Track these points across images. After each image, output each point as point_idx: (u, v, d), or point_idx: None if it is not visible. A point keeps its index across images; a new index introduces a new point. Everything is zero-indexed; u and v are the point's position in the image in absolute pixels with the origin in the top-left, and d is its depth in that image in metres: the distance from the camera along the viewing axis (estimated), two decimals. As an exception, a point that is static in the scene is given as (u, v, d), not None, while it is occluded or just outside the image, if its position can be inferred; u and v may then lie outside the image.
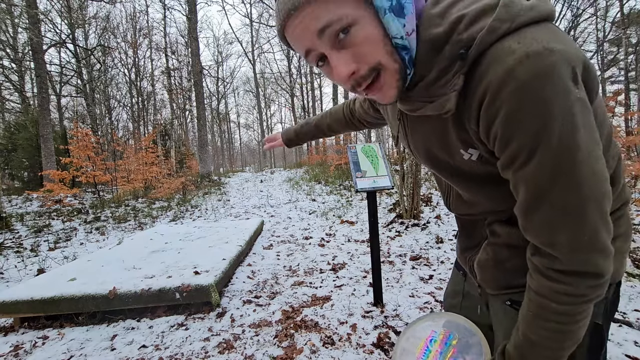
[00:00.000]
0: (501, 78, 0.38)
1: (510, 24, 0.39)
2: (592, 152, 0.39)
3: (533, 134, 0.39)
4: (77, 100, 18.27)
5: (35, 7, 8.58)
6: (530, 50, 0.37)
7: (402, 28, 0.43)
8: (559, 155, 0.39)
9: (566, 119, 0.38)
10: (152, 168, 9.52)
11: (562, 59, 0.37)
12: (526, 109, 0.38)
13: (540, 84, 0.37)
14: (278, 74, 23.33)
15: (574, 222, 0.41)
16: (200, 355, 1.70)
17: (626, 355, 1.50)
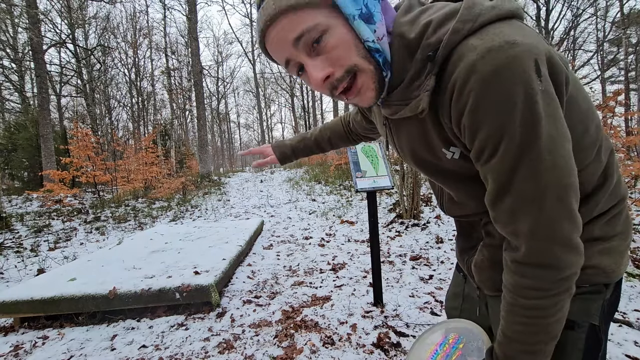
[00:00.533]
0: (465, 72, 0.40)
1: (472, 23, 0.41)
2: (554, 142, 0.40)
3: (498, 124, 0.40)
4: (77, 100, 18.28)
5: (35, 7, 8.58)
6: (491, 45, 0.39)
7: (372, 33, 0.45)
8: (520, 144, 0.40)
9: (527, 109, 0.39)
10: (152, 168, 9.52)
11: (523, 51, 0.38)
12: (489, 100, 0.39)
13: (501, 75, 0.38)
14: (278, 74, 23.34)
15: (533, 211, 0.42)
16: (200, 355, 1.70)
17: (626, 355, 1.50)
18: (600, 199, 0.51)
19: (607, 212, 0.53)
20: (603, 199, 0.51)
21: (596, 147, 0.49)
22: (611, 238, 0.53)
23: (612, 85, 17.38)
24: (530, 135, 0.40)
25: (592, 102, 0.49)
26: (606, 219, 0.53)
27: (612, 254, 0.52)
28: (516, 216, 0.44)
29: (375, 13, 0.45)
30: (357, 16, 0.44)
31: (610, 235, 0.53)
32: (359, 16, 0.44)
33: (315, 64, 0.46)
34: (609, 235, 0.52)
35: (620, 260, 0.53)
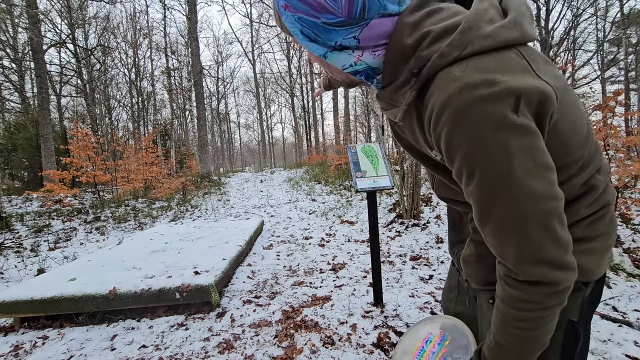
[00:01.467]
0: (442, 103, 0.42)
1: (460, 51, 0.42)
2: (531, 174, 0.41)
3: (469, 156, 0.42)
4: (77, 100, 18.27)
5: (35, 7, 8.58)
6: (470, 81, 0.40)
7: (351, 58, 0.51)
8: (494, 177, 0.42)
9: (498, 145, 0.40)
10: (152, 168, 9.52)
11: (500, 90, 0.39)
12: (461, 133, 0.41)
13: (472, 112, 0.40)
14: (278, 74, 23.34)
15: (516, 237, 0.43)
16: (200, 355, 1.70)
17: (626, 355, 1.50)
18: (581, 206, 0.53)
19: (590, 215, 0.54)
20: (584, 206, 0.53)
21: (579, 164, 0.51)
22: (593, 239, 0.54)
23: (612, 85, 17.38)
24: (502, 168, 0.41)
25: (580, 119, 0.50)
26: (588, 222, 0.54)
27: (592, 254, 0.54)
28: (501, 241, 0.45)
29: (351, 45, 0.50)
30: (328, 53, 0.51)
31: (592, 237, 0.54)
32: (331, 52, 0.51)
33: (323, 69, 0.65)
34: (591, 237, 0.54)
35: (600, 260, 0.55)
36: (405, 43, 0.47)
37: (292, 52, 21.52)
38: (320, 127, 23.06)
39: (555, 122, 0.45)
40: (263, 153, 24.76)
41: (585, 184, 0.53)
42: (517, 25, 0.43)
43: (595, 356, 1.52)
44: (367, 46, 0.50)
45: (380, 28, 0.48)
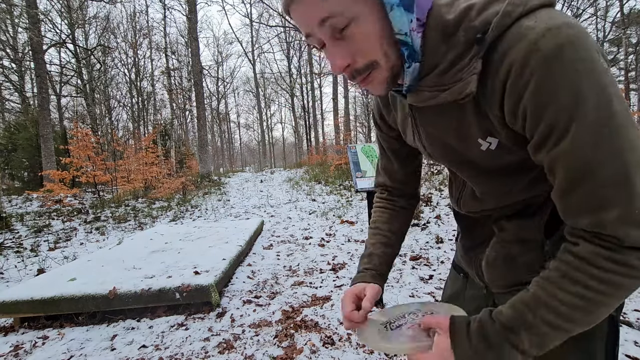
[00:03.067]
0: (526, 52, 0.38)
1: (523, 7, 0.39)
2: (627, 118, 0.38)
3: (567, 103, 0.37)
4: (77, 100, 18.28)
5: (35, 7, 8.58)
6: (551, 24, 0.37)
7: (408, 23, 0.43)
8: (596, 123, 0.37)
9: (598, 86, 0.37)
10: (152, 168, 9.52)
11: (582, 32, 0.37)
12: (557, 77, 0.37)
13: (568, 52, 0.36)
14: (278, 74, 23.34)
15: (621, 193, 0.37)
16: (200, 355, 1.70)
17: (626, 355, 1.50)
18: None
19: None
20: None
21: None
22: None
23: (612, 85, 17.35)
24: (605, 112, 0.37)
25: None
26: None
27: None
28: (600, 204, 0.38)
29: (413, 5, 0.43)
30: (396, 5, 0.41)
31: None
32: (399, 4, 0.41)
33: (337, 50, 0.44)
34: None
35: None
36: (447, 19, 0.43)
37: (292, 52, 21.54)
38: (320, 127, 23.08)
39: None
40: (263, 153, 24.76)
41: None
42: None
43: (595, 356, 1.53)
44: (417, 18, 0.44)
45: (425, 2, 0.44)
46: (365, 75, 0.46)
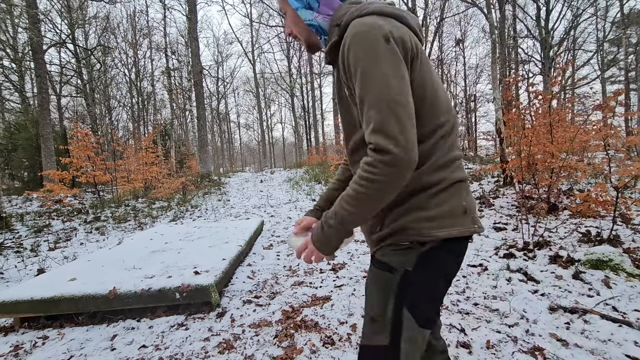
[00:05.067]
0: (349, 34, 0.69)
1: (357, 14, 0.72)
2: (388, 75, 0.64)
3: (354, 62, 0.67)
4: (77, 100, 18.27)
5: (35, 7, 8.58)
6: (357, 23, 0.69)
7: (311, 15, 0.82)
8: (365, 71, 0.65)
9: (371, 53, 0.65)
10: (152, 168, 9.51)
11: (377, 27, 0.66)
12: (354, 46, 0.67)
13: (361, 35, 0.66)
14: (278, 74, 23.32)
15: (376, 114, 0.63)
16: (200, 355, 1.70)
17: (626, 355, 1.50)
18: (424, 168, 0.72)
19: (431, 187, 0.72)
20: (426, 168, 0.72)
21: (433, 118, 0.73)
22: (431, 209, 0.71)
23: (612, 85, 17.37)
24: (371, 66, 0.64)
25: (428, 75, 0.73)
26: (431, 193, 0.72)
27: (430, 221, 0.71)
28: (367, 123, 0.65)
29: (314, 6, 0.81)
30: (299, 8, 0.82)
31: (430, 207, 0.71)
32: (302, 7, 0.82)
33: (285, 24, 0.89)
34: (429, 206, 0.71)
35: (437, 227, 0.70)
36: (337, 16, 0.79)
37: (292, 52, 21.52)
38: (320, 127, 23.07)
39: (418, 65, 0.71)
40: (263, 153, 24.74)
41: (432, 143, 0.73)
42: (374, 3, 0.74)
43: (595, 356, 1.52)
44: (321, 12, 0.81)
45: (333, 3, 0.81)
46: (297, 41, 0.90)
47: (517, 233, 3.51)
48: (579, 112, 7.40)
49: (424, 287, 0.72)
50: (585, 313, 1.88)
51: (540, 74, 13.33)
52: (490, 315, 1.95)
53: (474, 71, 20.64)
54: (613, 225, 2.98)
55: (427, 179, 0.72)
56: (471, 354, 1.59)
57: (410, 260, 0.71)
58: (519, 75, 12.26)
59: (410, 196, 0.72)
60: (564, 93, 13.89)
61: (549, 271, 2.53)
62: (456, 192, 0.74)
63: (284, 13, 0.86)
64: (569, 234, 3.27)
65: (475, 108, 19.87)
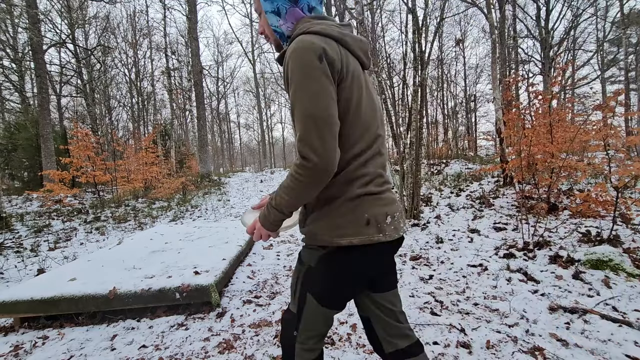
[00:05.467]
0: (290, 48, 0.78)
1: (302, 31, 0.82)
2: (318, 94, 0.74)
3: (289, 75, 0.77)
4: (77, 100, 18.26)
5: (35, 7, 8.58)
6: (298, 40, 0.78)
7: (277, 22, 0.91)
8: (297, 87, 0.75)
9: (304, 70, 0.74)
10: (152, 168, 9.51)
11: (313, 47, 0.75)
12: (291, 61, 0.76)
13: (294, 52, 0.76)
14: (278, 74, 23.29)
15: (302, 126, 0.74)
16: (200, 355, 1.70)
17: (626, 355, 1.50)
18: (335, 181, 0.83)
19: (337, 198, 0.83)
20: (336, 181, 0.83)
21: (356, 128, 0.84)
22: (335, 218, 0.83)
23: (612, 85, 17.37)
24: (301, 91, 0.75)
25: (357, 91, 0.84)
26: (337, 204, 0.83)
27: (333, 230, 0.83)
28: (297, 128, 0.76)
29: (281, 12, 0.89)
30: (269, 12, 0.90)
31: (332, 217, 0.84)
32: (271, 12, 0.90)
33: (260, 22, 0.97)
34: (334, 216, 0.83)
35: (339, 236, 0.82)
36: (298, 27, 0.87)
37: (292, 52, 21.49)
38: (320, 127, 23.03)
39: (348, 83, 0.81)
40: (263, 153, 24.72)
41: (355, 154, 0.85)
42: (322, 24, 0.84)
43: (595, 356, 1.52)
44: (286, 20, 0.90)
45: (296, 15, 0.89)
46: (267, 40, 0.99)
47: (517, 233, 3.51)
48: (579, 112, 7.40)
49: (323, 281, 0.89)
50: (585, 313, 1.88)
51: (540, 74, 13.33)
52: (490, 315, 1.95)
53: (474, 71, 20.63)
54: (613, 225, 2.98)
55: (335, 191, 0.83)
56: (471, 354, 1.59)
57: (313, 258, 0.89)
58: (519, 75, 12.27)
59: (323, 204, 0.85)
60: (564, 93, 13.90)
61: (549, 271, 2.53)
62: (361, 204, 0.83)
63: (259, 13, 0.94)
64: (569, 234, 3.27)
65: (475, 108, 19.85)
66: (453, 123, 18.93)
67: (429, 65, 5.35)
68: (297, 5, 0.88)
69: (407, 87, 6.46)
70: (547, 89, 8.99)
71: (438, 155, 11.70)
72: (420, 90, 4.43)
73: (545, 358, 1.53)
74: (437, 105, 18.89)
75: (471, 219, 4.30)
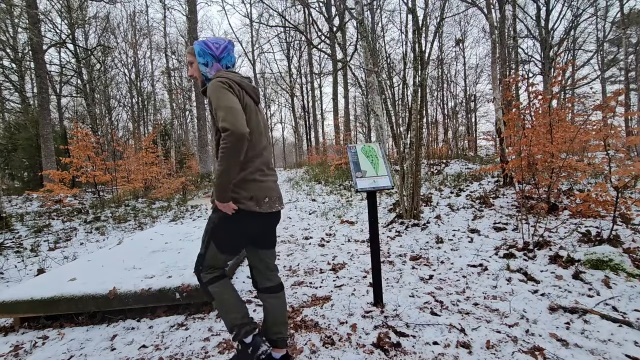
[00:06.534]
0: (209, 84, 1.31)
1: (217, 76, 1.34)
2: (227, 97, 1.25)
3: (211, 96, 1.27)
4: (77, 100, 18.26)
5: (35, 7, 8.58)
6: (215, 79, 1.31)
7: (205, 70, 1.44)
8: (216, 102, 1.23)
9: (217, 90, 1.26)
10: (152, 168, 9.51)
11: (221, 80, 1.30)
12: (209, 89, 1.29)
13: (211, 85, 1.29)
14: (278, 74, 23.29)
15: (221, 115, 1.20)
16: (200, 355, 1.70)
17: (626, 355, 1.50)
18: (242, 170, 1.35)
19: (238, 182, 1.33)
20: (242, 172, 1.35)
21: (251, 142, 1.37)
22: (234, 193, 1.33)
23: (612, 85, 17.38)
24: (218, 100, 1.24)
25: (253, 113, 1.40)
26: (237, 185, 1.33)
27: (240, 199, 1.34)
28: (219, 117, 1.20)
29: (209, 66, 1.43)
30: (201, 63, 1.43)
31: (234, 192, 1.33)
32: (202, 64, 1.43)
33: (190, 70, 1.50)
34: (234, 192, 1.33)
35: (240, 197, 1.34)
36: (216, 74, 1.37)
37: (292, 52, 21.51)
38: (320, 127, 23.04)
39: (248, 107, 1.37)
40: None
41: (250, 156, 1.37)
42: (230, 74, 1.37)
43: (595, 356, 1.52)
44: (211, 69, 1.43)
45: (217, 68, 1.44)
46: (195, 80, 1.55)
47: (517, 233, 3.51)
48: (578, 112, 7.40)
49: (221, 233, 1.39)
50: (585, 313, 1.88)
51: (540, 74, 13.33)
52: (490, 315, 1.95)
53: (474, 71, 20.63)
54: (613, 225, 2.98)
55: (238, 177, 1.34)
56: (471, 354, 1.59)
57: (216, 217, 1.38)
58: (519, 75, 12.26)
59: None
60: (564, 93, 13.89)
61: (549, 271, 2.53)
62: (248, 186, 1.35)
63: (190, 63, 1.47)
64: (569, 234, 3.27)
65: (475, 108, 19.85)
66: (453, 123, 18.92)
67: (429, 65, 5.35)
68: (219, 63, 1.44)
69: (407, 87, 6.46)
70: (547, 89, 8.99)
71: (438, 155, 11.70)
72: (420, 90, 4.43)
73: (545, 358, 1.53)
74: (437, 105, 18.90)
75: (471, 219, 4.30)
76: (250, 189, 1.34)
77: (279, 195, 1.48)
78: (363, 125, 22.28)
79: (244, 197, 1.32)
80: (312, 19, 9.65)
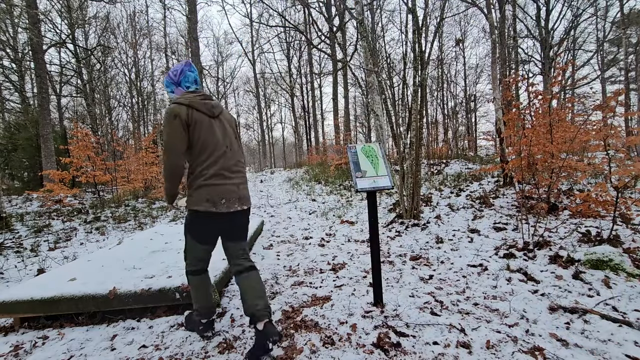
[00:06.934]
0: (165, 110, 1.63)
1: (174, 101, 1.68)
2: (170, 139, 1.60)
3: (164, 123, 1.62)
4: (77, 100, 18.25)
5: (35, 7, 8.58)
6: (169, 107, 1.63)
7: (173, 96, 1.80)
8: (164, 134, 1.61)
9: (166, 126, 1.60)
10: (152, 168, 9.50)
11: (172, 110, 1.60)
12: (164, 117, 1.64)
13: (165, 114, 1.63)
14: (278, 74, 23.28)
15: (164, 156, 1.63)
16: (200, 355, 1.70)
17: (626, 355, 1.50)
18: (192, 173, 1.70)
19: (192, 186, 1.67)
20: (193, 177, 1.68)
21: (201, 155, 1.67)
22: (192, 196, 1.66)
23: (612, 85, 17.37)
24: (164, 134, 1.60)
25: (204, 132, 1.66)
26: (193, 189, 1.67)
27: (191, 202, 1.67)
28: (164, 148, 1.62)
29: (174, 91, 1.80)
30: (169, 93, 1.84)
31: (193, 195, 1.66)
32: (170, 92, 1.84)
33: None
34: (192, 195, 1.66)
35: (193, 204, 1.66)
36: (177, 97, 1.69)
37: (292, 52, 21.51)
38: (320, 127, 23.04)
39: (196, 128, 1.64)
40: (263, 153, 24.73)
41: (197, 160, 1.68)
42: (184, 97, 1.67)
43: (595, 356, 1.52)
44: (176, 93, 1.79)
45: (180, 91, 1.78)
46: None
47: (517, 233, 3.51)
48: (578, 112, 7.40)
49: (192, 227, 1.73)
50: (585, 313, 1.88)
51: (540, 74, 13.33)
52: (490, 315, 1.95)
53: (474, 71, 20.63)
54: (613, 225, 2.98)
55: (192, 182, 1.66)
56: (471, 354, 1.59)
57: (188, 216, 1.71)
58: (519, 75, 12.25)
59: (189, 189, 1.67)
60: (564, 93, 13.89)
61: (549, 271, 2.53)
62: (203, 190, 1.63)
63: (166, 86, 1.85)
64: (569, 234, 3.27)
65: (475, 108, 19.85)
66: (453, 123, 18.92)
67: (429, 65, 5.35)
68: (180, 87, 1.76)
69: (407, 87, 6.46)
70: (547, 89, 8.99)
71: (438, 155, 11.69)
72: (420, 90, 4.43)
73: (545, 358, 1.53)
74: (437, 105, 18.89)
75: (471, 219, 4.30)
76: (207, 192, 1.63)
77: (240, 197, 1.72)
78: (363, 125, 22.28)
79: (201, 199, 1.62)
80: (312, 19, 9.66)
